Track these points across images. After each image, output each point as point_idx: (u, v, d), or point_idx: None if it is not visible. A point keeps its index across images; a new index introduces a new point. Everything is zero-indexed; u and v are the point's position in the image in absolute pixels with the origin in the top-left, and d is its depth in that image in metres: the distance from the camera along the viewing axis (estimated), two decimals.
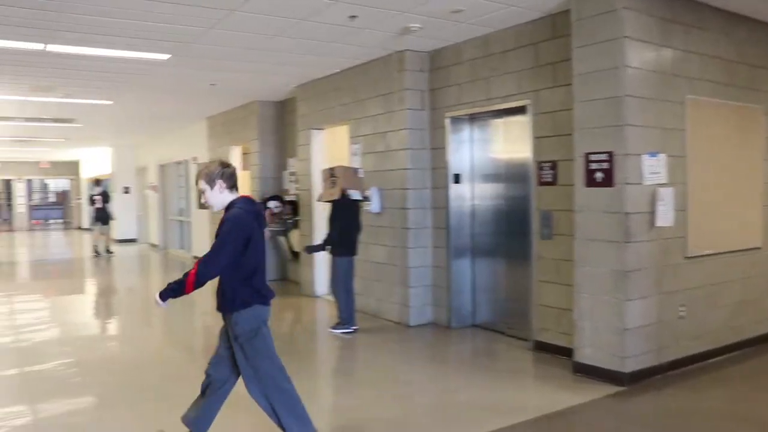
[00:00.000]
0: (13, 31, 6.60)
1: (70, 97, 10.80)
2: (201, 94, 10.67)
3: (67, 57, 7.71)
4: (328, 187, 7.51)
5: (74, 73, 8.75)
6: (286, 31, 6.76)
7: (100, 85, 9.80)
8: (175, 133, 16.59)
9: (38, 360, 6.78)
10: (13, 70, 8.49)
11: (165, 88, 10.12)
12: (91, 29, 6.55)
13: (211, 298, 10.64)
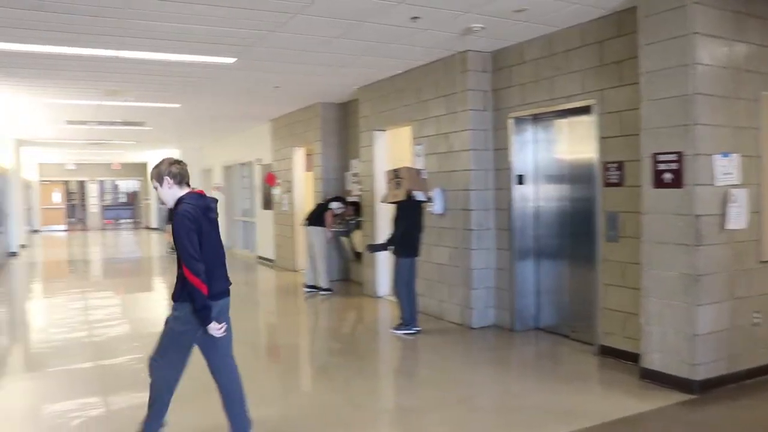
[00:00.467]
0: (88, 39, 6.86)
1: (140, 101, 11.15)
2: (265, 96, 10.85)
3: (138, 62, 7.97)
4: (393, 188, 7.52)
5: (144, 77, 9.03)
6: (349, 34, 6.81)
7: (168, 89, 10.08)
8: (240, 135, 16.91)
9: (111, 354, 7.02)
10: (87, 75, 8.83)
11: (230, 91, 10.33)
12: (160, 35, 6.75)
13: (274, 299, 10.84)
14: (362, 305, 9.65)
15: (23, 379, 6.29)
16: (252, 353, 7.43)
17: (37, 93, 10.26)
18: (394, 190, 7.50)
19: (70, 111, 12.33)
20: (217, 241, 4.18)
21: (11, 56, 7.62)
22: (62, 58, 7.67)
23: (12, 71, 8.52)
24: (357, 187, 11.02)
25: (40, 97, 10.69)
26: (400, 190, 7.44)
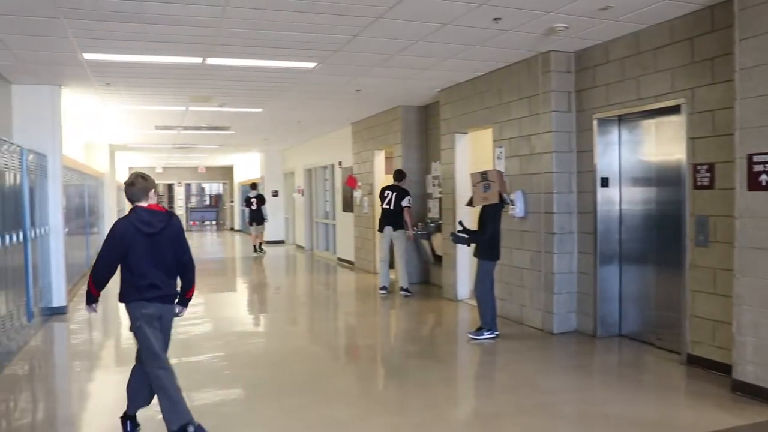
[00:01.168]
0: (176, 48, 7.13)
1: (224, 106, 11.48)
2: (346, 100, 10.97)
3: (223, 69, 8.21)
4: (481, 190, 7.38)
5: (229, 83, 9.30)
6: (430, 36, 6.80)
7: (252, 94, 10.34)
8: (321, 138, 17.15)
9: (194, 352, 7.23)
10: (175, 82, 9.16)
11: (312, 95, 10.49)
12: (244, 42, 6.93)
13: (353, 300, 10.92)
14: (441, 308, 9.60)
15: (115, 373, 6.54)
16: (330, 353, 7.51)
17: (129, 100, 10.73)
18: (484, 193, 7.37)
19: (158, 117, 12.83)
20: (155, 252, 4.41)
21: (107, 66, 8.01)
22: (154, 66, 7.99)
23: (108, 80, 8.93)
24: (437, 189, 11.00)
25: (131, 104, 11.17)
26: (490, 192, 7.32)
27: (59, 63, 7.83)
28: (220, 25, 6.30)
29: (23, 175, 7.28)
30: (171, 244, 4.49)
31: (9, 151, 6.72)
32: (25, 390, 5.90)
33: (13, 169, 6.82)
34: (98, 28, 6.32)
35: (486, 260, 7.44)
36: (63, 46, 6.97)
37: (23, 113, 9.00)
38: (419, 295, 10.64)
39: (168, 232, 4.47)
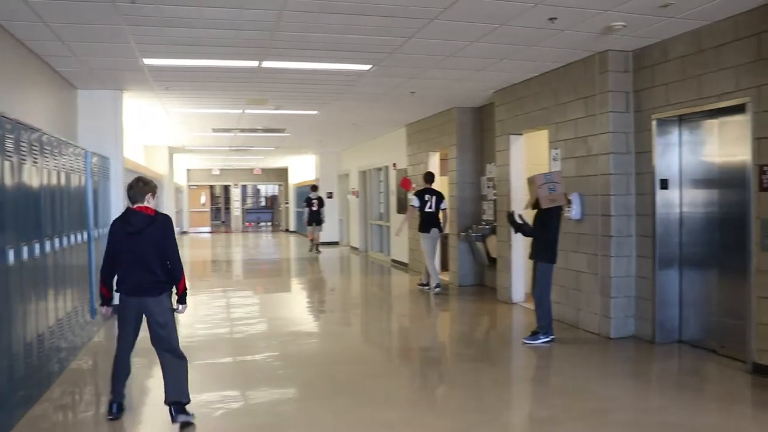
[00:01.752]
0: (233, 52, 7.27)
1: (280, 109, 11.63)
2: (400, 102, 10.98)
3: (279, 72, 8.32)
4: (546, 192, 7.24)
5: (284, 86, 9.41)
6: (485, 37, 6.75)
7: (307, 97, 10.44)
8: (376, 140, 17.21)
9: (249, 351, 7.34)
10: (232, 86, 9.33)
11: (366, 98, 10.54)
12: (299, 45, 7.01)
13: (407, 302, 10.90)
14: (496, 311, 9.52)
15: None
16: (383, 355, 7.52)
17: (187, 104, 10.97)
18: (549, 194, 7.24)
19: (216, 119, 13.08)
20: (134, 251, 4.83)
21: (167, 71, 8.21)
22: (211, 70, 8.15)
23: (167, 84, 9.15)
24: (492, 191, 10.91)
25: (190, 108, 11.42)
26: (556, 194, 7.20)
27: (121, 68, 8.07)
28: (276, 29, 6.38)
29: (87, 177, 7.51)
30: (153, 243, 4.83)
31: (74, 154, 6.94)
32: (89, 384, 6.08)
33: (78, 172, 7.04)
34: (158, 34, 6.49)
35: (546, 263, 7.33)
36: (125, 52, 7.18)
37: (87, 117, 9.32)
38: (473, 298, 10.57)
39: (150, 232, 4.82)
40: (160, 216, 4.96)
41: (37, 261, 5.40)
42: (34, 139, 5.40)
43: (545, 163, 8.64)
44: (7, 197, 4.72)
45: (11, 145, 4.80)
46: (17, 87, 6.78)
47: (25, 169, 5.13)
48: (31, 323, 5.24)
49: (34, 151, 5.37)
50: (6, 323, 4.65)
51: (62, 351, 6.22)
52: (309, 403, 5.48)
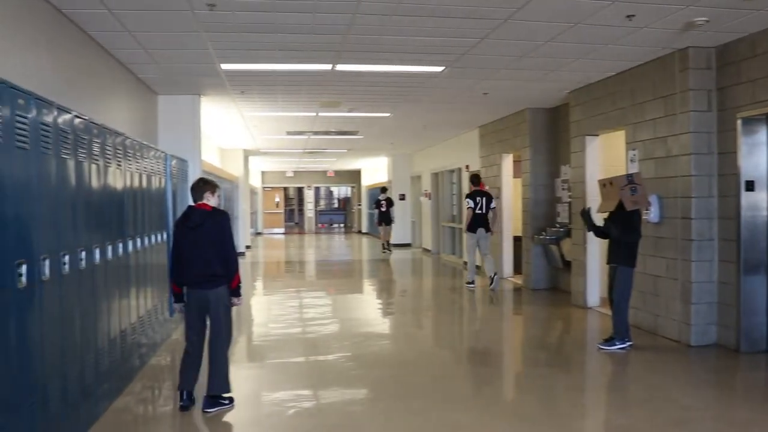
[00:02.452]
0: (307, 56, 7.38)
1: (353, 111, 11.73)
2: (473, 103, 10.91)
3: (352, 74, 8.40)
4: (629, 194, 7.02)
5: (357, 88, 9.49)
6: (559, 37, 6.63)
7: (379, 99, 10.50)
8: (448, 142, 17.15)
9: (321, 351, 7.43)
10: (306, 89, 9.47)
11: (438, 99, 10.51)
12: (372, 48, 7.06)
13: (479, 304, 10.80)
14: (570, 315, 9.33)
15: (246, 368, 6.84)
16: (455, 357, 7.48)
17: (262, 107, 11.20)
18: (631, 197, 7.02)
19: (289, 122, 13.30)
20: (194, 245, 5.15)
21: (242, 75, 8.41)
22: (286, 74, 8.30)
23: (243, 88, 9.37)
24: (566, 193, 10.71)
25: (264, 111, 11.65)
26: (638, 196, 7.00)
27: (199, 74, 8.31)
28: (349, 32, 6.44)
29: (167, 179, 7.76)
30: (210, 238, 5.13)
31: (155, 157, 7.18)
32: (167, 379, 6.27)
33: (158, 174, 7.28)
34: (234, 40, 6.66)
35: (627, 266, 7.12)
36: (203, 58, 7.39)
37: (167, 121, 9.65)
38: (547, 302, 10.40)
39: (207, 226, 5.13)
40: (216, 212, 5.26)
41: (120, 260, 5.61)
42: (118, 142, 5.62)
43: (622, 165, 8.41)
44: (93, 199, 4.93)
45: (97, 148, 5.01)
46: (103, 93, 7.08)
47: (110, 172, 5.34)
48: (115, 320, 5.45)
49: (118, 154, 5.59)
50: (92, 319, 4.85)
51: (143, 347, 6.44)
52: (380, 404, 5.49)
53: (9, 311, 3.47)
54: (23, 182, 3.70)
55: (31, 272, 3.69)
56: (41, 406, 3.87)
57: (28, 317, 3.75)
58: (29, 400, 3.72)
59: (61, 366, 4.23)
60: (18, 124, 3.59)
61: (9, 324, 3.47)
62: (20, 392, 3.62)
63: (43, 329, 3.95)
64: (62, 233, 4.29)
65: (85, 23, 6.07)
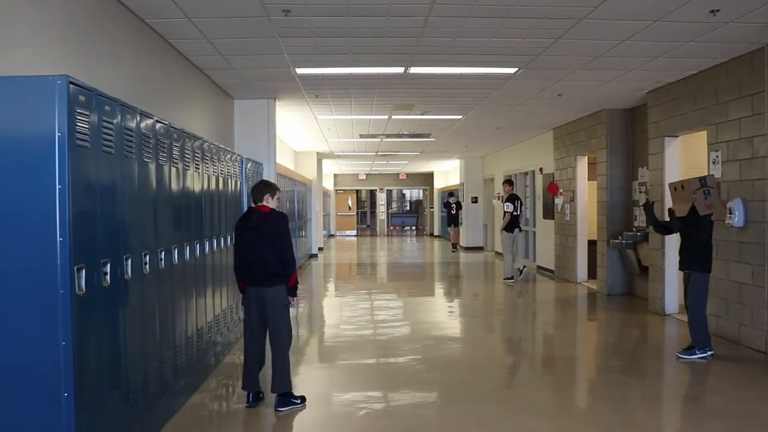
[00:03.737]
0: (380, 59, 7.43)
1: (426, 114, 11.72)
2: (547, 104, 10.74)
3: (424, 77, 8.40)
4: (702, 197, 6.76)
5: (430, 91, 9.49)
6: (637, 35, 6.45)
7: (452, 101, 10.46)
8: (521, 144, 16.93)
9: (392, 353, 7.44)
10: (379, 92, 9.52)
11: (512, 101, 10.40)
12: (445, 50, 7.04)
13: (552, 309, 10.63)
14: (646, 322, 9.05)
15: (318, 369, 6.93)
16: (526, 362, 7.38)
17: (335, 110, 11.33)
18: (705, 200, 6.77)
19: (362, 125, 13.40)
20: (253, 245, 5.29)
21: (316, 79, 8.54)
22: (359, 77, 8.38)
23: (317, 92, 9.51)
24: (644, 196, 10.42)
25: (338, 114, 11.78)
26: (712, 199, 6.74)
27: (274, 78, 8.48)
28: (422, 35, 6.45)
29: (242, 181, 7.94)
30: (268, 238, 5.23)
31: (231, 160, 7.37)
32: (240, 377, 6.39)
33: (234, 177, 7.46)
34: (309, 44, 6.76)
35: (702, 272, 6.87)
36: (278, 62, 7.53)
37: (243, 125, 9.90)
38: (622, 308, 10.13)
39: (266, 227, 5.24)
40: (275, 213, 5.37)
41: (197, 260, 5.78)
42: (196, 146, 5.79)
43: (703, 167, 8.12)
44: (173, 200, 5.10)
45: (177, 152, 5.17)
46: (183, 98, 7.31)
47: (188, 175, 5.51)
48: (192, 319, 5.62)
49: (196, 157, 5.76)
50: (171, 318, 5.01)
51: (218, 345, 6.61)
52: (451, 408, 5.47)
53: (95, 308, 3.63)
54: (108, 185, 3.87)
55: (114, 271, 3.85)
56: (124, 399, 4.03)
57: (112, 314, 3.91)
58: (114, 392, 3.87)
59: (142, 361, 4.39)
60: (104, 130, 3.75)
61: (95, 320, 3.64)
62: (106, 385, 3.77)
63: (126, 326, 4.12)
64: (143, 234, 4.46)
65: (167, 32, 6.29)
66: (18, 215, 3.29)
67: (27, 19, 3.92)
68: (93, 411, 3.56)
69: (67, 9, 4.47)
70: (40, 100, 3.29)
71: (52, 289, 3.28)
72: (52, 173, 3.27)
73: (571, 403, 5.94)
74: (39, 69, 3.92)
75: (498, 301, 11.98)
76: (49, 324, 3.28)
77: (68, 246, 3.29)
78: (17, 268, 3.29)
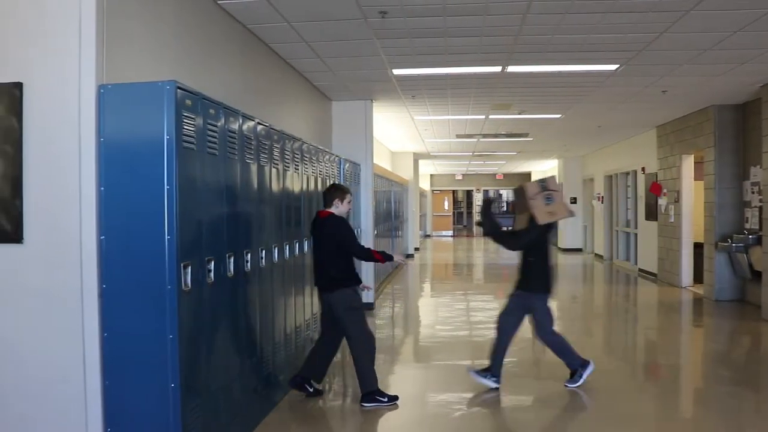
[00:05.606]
0: (476, 58, 7.39)
1: (523, 113, 11.55)
2: (650, 101, 10.35)
3: (522, 76, 8.28)
4: (543, 202, 5.98)
5: (528, 90, 9.34)
6: (752, 25, 6.09)
7: (550, 100, 10.26)
8: (622, 143, 16.41)
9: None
10: (476, 92, 9.47)
11: (612, 99, 10.09)
12: (544, 48, 6.91)
13: (655, 314, 10.22)
14: (759, 330, 8.57)
15: (413, 368, 6.95)
16: (627, 369, 7.14)
17: (432, 111, 11.34)
18: (545, 207, 6.16)
19: (459, 126, 13.35)
20: (314, 251, 5.47)
21: (413, 80, 8.58)
22: (456, 77, 8.36)
23: (413, 93, 9.55)
24: (757, 197, 9.87)
25: (434, 115, 11.79)
26: (554, 205, 6.10)
27: (371, 80, 8.58)
28: (520, 33, 6.36)
29: (340, 182, 8.07)
30: (325, 243, 5.34)
31: (329, 161, 7.51)
32: (337, 375, 6.50)
33: (332, 177, 7.60)
34: (405, 45, 6.80)
35: (540, 294, 6.34)
36: (375, 64, 7.62)
37: (340, 126, 10.07)
38: (732, 314, 9.64)
39: (323, 232, 5.35)
40: (331, 218, 5.39)
41: (296, 259, 5.92)
42: (296, 147, 5.93)
43: None
44: (273, 201, 5.24)
45: (277, 153, 5.32)
46: (283, 101, 7.50)
47: (288, 175, 5.65)
48: (291, 316, 5.76)
49: (296, 158, 5.91)
50: (271, 314, 5.16)
51: (314, 343, 6.73)
52: (548, 413, 5.37)
53: (199, 304, 3.79)
54: (212, 185, 4.03)
55: (218, 269, 4.01)
56: (226, 392, 4.18)
57: (215, 310, 4.07)
58: (216, 385, 4.03)
59: (243, 356, 4.55)
60: (209, 132, 3.91)
61: (199, 316, 3.80)
62: (208, 377, 3.93)
63: (228, 322, 4.28)
64: (245, 233, 4.62)
65: (267, 37, 6.48)
66: (133, 214, 3.49)
67: (144, 30, 4.12)
68: (196, 402, 3.72)
69: (179, 19, 4.68)
70: (151, 105, 3.47)
71: (161, 285, 3.45)
72: (161, 174, 3.44)
73: (675, 412, 5.69)
74: (155, 76, 4.12)
75: (597, 305, 11.65)
76: (158, 318, 3.46)
77: (175, 244, 3.45)
78: (133, 265, 3.49)
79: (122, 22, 3.81)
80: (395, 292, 12.56)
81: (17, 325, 3.56)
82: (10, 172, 3.52)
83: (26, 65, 3.55)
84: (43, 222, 3.53)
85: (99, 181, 3.48)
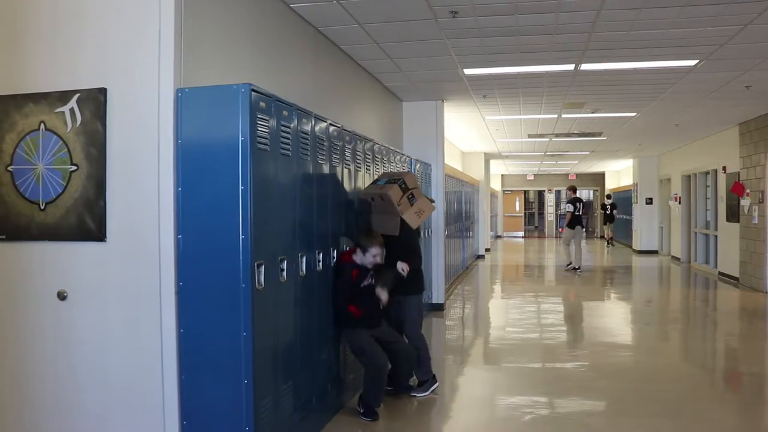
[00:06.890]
0: (549, 57, 7.27)
1: (597, 112, 11.30)
2: (732, 98, 9.95)
3: (596, 74, 8.11)
4: (407, 207, 5.48)
5: (601, 88, 9.14)
6: None
7: (625, 98, 10.00)
8: (701, 142, 15.84)
9: (559, 358, 7.24)
10: (548, 91, 9.32)
11: (691, 96, 9.75)
12: (618, 45, 6.75)
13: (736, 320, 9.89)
14: None
15: (482, 370, 6.89)
16: (705, 376, 6.89)
17: (503, 110, 11.23)
18: (412, 207, 5.57)
19: (531, 125, 13.17)
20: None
21: (484, 79, 8.51)
22: (527, 76, 8.26)
23: (484, 92, 9.48)
24: None
25: (505, 114, 11.67)
26: (418, 204, 5.68)
27: (441, 80, 8.55)
28: (594, 30, 6.22)
29: None
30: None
31: (400, 161, 7.52)
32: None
33: None
34: (477, 45, 6.75)
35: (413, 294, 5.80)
36: (446, 64, 7.59)
37: (411, 127, 10.09)
38: None
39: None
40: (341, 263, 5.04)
41: None
42: (367, 148, 5.97)
43: None
44: (345, 201, 5.29)
45: (349, 153, 5.37)
46: (355, 102, 7.57)
47: (360, 176, 5.69)
48: None
49: (367, 158, 5.95)
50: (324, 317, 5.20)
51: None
52: (621, 420, 5.22)
53: (272, 303, 3.87)
54: (286, 186, 4.10)
55: (290, 268, 4.09)
56: (296, 390, 4.25)
57: (287, 309, 4.14)
58: (287, 383, 4.10)
59: (312, 354, 4.61)
60: (282, 133, 3.98)
61: (272, 314, 3.88)
62: (279, 375, 4.01)
63: (300, 321, 4.34)
64: (316, 233, 4.67)
65: (339, 39, 6.55)
66: (208, 214, 3.59)
67: (218, 32, 4.24)
68: (268, 399, 3.79)
69: (252, 22, 4.79)
70: (227, 108, 3.56)
71: (235, 284, 3.54)
72: (236, 175, 3.52)
73: (760, 423, 5.45)
74: (228, 78, 4.22)
75: (674, 309, 11.28)
76: (232, 316, 3.54)
77: (249, 243, 3.52)
78: (208, 263, 3.59)
79: (197, 26, 3.92)
80: (465, 293, 12.49)
81: (99, 319, 3.72)
82: (94, 173, 3.69)
83: (109, 71, 3.71)
84: (124, 221, 3.67)
85: (176, 182, 3.60)
